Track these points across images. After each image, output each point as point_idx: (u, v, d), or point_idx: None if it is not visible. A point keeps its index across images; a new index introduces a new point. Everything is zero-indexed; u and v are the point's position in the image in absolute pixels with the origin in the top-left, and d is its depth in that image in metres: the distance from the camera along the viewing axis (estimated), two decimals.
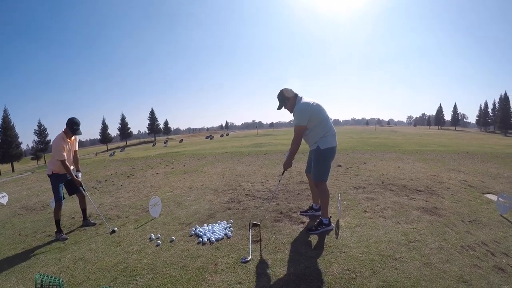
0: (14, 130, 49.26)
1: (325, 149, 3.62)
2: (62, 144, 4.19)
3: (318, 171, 3.70)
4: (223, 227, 3.92)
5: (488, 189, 5.56)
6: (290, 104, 3.71)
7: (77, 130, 4.29)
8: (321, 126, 3.62)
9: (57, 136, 4.25)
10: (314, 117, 3.57)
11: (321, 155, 3.65)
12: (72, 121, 4.24)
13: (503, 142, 27.84)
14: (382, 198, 4.92)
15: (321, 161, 3.68)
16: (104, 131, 79.29)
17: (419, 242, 3.22)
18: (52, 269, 3.18)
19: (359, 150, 13.54)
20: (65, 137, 4.25)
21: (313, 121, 3.58)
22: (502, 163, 9.12)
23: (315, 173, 3.72)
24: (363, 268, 2.75)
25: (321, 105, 3.67)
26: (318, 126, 3.61)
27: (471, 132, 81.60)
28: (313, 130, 3.63)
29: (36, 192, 7.95)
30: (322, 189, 3.68)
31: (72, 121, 4.24)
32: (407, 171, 7.55)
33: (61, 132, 4.27)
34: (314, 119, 3.58)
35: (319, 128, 3.62)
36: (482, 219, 3.92)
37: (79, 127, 4.30)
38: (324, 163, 3.69)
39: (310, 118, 3.56)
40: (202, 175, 8.34)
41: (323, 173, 3.69)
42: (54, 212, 4.24)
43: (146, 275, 2.86)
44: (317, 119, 3.59)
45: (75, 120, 4.26)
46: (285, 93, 3.69)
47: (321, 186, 3.68)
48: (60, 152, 4.14)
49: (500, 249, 3.05)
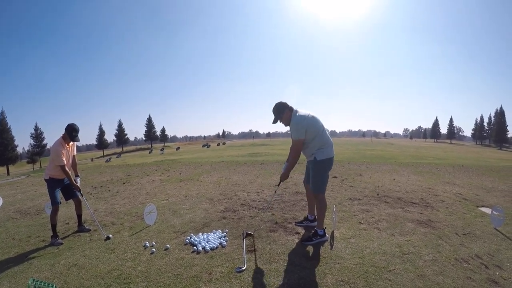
0: (10, 133, 48.96)
1: (322, 160, 3.64)
2: (61, 149, 4.19)
3: (316, 183, 3.70)
4: (218, 236, 3.91)
5: (482, 202, 5.60)
6: (285, 117, 3.70)
7: (76, 136, 4.29)
8: (318, 138, 3.64)
9: (56, 141, 4.25)
10: (310, 129, 3.59)
11: (319, 166, 3.67)
12: (71, 127, 4.25)
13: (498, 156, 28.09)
14: (377, 210, 4.94)
15: (318, 172, 3.69)
16: (101, 137, 79.06)
17: (413, 254, 3.23)
18: (45, 274, 3.16)
19: (355, 162, 13.61)
20: (63, 142, 4.25)
21: (310, 133, 3.60)
22: (497, 177, 9.20)
23: (314, 184, 3.73)
24: (357, 279, 2.76)
25: (316, 117, 3.69)
26: (315, 138, 3.63)
27: (467, 145, 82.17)
28: (311, 142, 3.65)
29: (31, 196, 7.88)
30: (320, 200, 3.69)
31: (72, 128, 4.25)
32: (403, 183, 7.60)
33: (60, 138, 4.27)
34: (311, 131, 3.60)
35: (316, 140, 3.63)
36: (476, 232, 3.95)
37: (77, 133, 4.31)
38: (322, 174, 3.69)
39: (307, 131, 3.57)
40: (198, 183, 8.33)
41: (321, 184, 3.69)
42: (51, 216, 4.23)
43: (140, 283, 2.85)
44: (313, 132, 3.61)
45: (74, 127, 4.27)
46: (280, 107, 3.70)
47: (320, 197, 3.69)
48: (60, 158, 4.14)
49: (493, 262, 3.07)
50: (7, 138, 47.77)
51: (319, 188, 3.68)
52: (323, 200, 3.69)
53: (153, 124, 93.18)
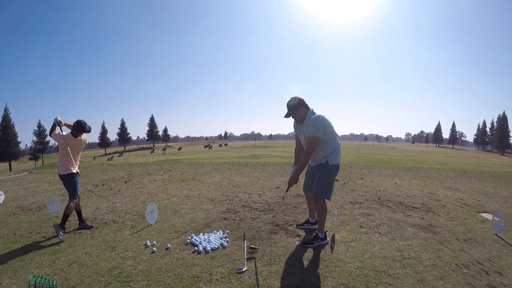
0: (13, 129, 49.23)
1: (334, 165, 3.58)
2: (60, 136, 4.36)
3: (322, 188, 3.59)
4: (219, 237, 3.92)
5: (483, 208, 5.59)
6: (299, 114, 3.56)
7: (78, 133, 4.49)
8: (333, 140, 3.56)
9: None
10: (328, 130, 3.49)
11: (329, 170, 3.59)
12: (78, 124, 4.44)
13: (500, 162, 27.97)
14: (378, 214, 4.94)
15: (328, 176, 3.60)
16: (103, 135, 79.33)
17: (414, 259, 3.23)
18: (46, 270, 3.17)
19: (356, 166, 13.59)
20: (70, 134, 4.46)
21: (327, 134, 3.50)
22: (498, 182, 9.17)
23: (319, 189, 3.59)
24: (357, 283, 2.76)
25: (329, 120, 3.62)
26: (330, 140, 3.55)
27: (469, 150, 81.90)
28: (326, 143, 3.54)
29: (32, 193, 7.91)
30: (321, 204, 3.64)
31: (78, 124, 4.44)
32: (404, 188, 7.59)
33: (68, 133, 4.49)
34: (329, 132, 3.50)
35: (331, 143, 3.55)
36: (477, 237, 3.95)
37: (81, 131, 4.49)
38: (330, 179, 3.62)
39: (325, 131, 3.47)
40: (199, 184, 8.34)
41: (328, 190, 3.60)
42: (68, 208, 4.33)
43: (140, 282, 2.86)
44: (330, 133, 3.52)
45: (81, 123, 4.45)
46: (297, 101, 3.53)
47: (320, 202, 3.63)
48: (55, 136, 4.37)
49: (494, 268, 3.07)
50: (10, 134, 48.03)
51: (324, 193, 3.59)
52: (323, 204, 3.64)
53: (155, 124, 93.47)
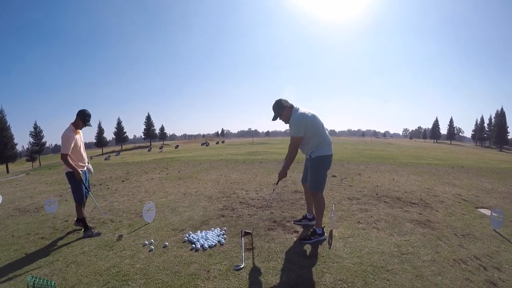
0: (9, 131, 48.90)
1: (321, 157, 3.64)
2: (72, 135, 4.13)
3: (313, 180, 3.71)
4: (216, 234, 3.91)
5: (482, 204, 5.60)
6: (285, 115, 3.70)
7: (89, 121, 4.31)
8: (317, 136, 3.63)
9: (66, 129, 4.19)
10: (310, 127, 3.58)
11: (317, 163, 3.67)
12: (84, 112, 4.24)
13: (498, 157, 28.07)
14: (376, 210, 4.94)
15: (316, 170, 3.69)
16: (100, 135, 78.99)
17: (412, 254, 3.24)
18: (44, 271, 3.15)
19: (354, 161, 13.61)
20: (74, 129, 4.21)
21: (309, 131, 3.59)
22: (496, 178, 9.20)
23: (311, 182, 3.73)
24: (356, 278, 2.76)
25: (316, 115, 3.69)
26: (314, 136, 3.62)
27: (467, 146, 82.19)
28: (310, 140, 3.64)
29: (30, 194, 7.87)
30: (318, 199, 3.69)
31: (84, 113, 4.24)
32: (402, 183, 7.60)
33: (70, 125, 4.22)
34: (310, 129, 3.59)
35: (315, 138, 3.62)
36: (475, 233, 3.95)
37: (90, 118, 4.32)
38: (320, 172, 3.69)
39: (306, 128, 3.57)
40: (196, 181, 8.32)
41: (319, 182, 3.69)
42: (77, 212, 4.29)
43: (138, 280, 2.85)
44: (313, 130, 3.60)
45: (87, 112, 4.27)
46: (280, 104, 3.68)
47: (317, 196, 3.69)
48: (67, 146, 4.04)
49: (492, 264, 3.08)
50: (7, 136, 47.67)
51: (316, 185, 3.68)
52: (321, 199, 3.69)
53: (152, 123, 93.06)
